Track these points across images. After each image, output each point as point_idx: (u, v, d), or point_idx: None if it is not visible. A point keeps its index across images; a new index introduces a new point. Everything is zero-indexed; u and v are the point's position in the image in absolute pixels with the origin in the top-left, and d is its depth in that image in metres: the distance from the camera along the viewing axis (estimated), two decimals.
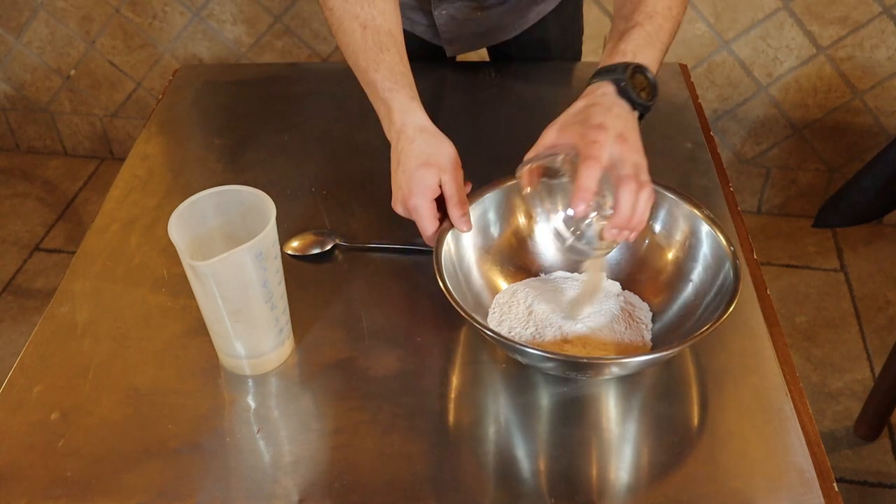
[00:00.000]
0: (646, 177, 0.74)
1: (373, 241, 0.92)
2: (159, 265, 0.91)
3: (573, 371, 0.75)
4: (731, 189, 1.00)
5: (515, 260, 0.87)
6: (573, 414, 0.76)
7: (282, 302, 0.77)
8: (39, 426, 0.76)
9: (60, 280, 0.90)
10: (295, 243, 0.93)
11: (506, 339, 0.74)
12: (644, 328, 0.81)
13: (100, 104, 2.35)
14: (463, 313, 0.72)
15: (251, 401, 0.78)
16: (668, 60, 1.23)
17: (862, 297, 1.93)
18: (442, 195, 0.83)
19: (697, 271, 0.81)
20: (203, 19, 2.11)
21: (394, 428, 0.74)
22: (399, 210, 0.85)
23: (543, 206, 0.78)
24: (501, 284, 0.85)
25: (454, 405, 0.77)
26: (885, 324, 1.86)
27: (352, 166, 1.06)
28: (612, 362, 0.74)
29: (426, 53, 1.25)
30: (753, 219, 2.16)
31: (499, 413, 0.77)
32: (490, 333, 0.72)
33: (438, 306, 0.82)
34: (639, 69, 0.79)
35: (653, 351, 0.79)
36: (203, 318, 0.77)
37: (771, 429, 0.73)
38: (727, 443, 0.73)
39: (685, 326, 0.78)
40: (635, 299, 0.84)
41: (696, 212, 0.82)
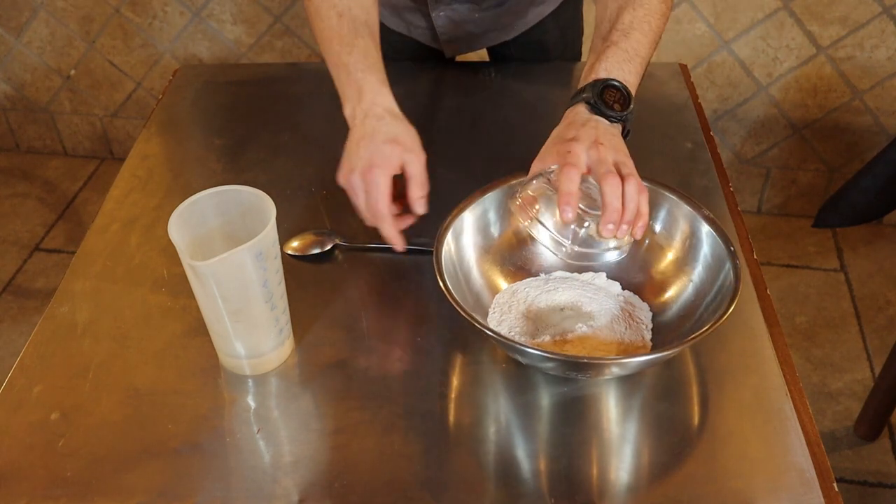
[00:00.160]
0: (629, 170, 0.76)
1: (373, 241, 0.92)
2: (159, 265, 0.91)
3: (573, 371, 0.75)
4: (731, 189, 1.00)
5: (515, 260, 0.87)
6: (573, 414, 0.76)
7: (282, 302, 0.77)
8: (39, 426, 0.76)
9: (60, 280, 0.90)
10: (295, 243, 0.93)
11: (506, 339, 0.74)
12: (644, 328, 0.81)
13: (100, 104, 2.35)
14: (463, 313, 0.72)
15: (251, 401, 0.78)
16: (668, 60, 1.24)
17: (862, 297, 1.93)
18: (400, 175, 0.84)
19: (697, 271, 0.81)
20: (203, 19, 2.11)
21: (394, 428, 0.74)
22: (352, 181, 0.85)
23: (546, 228, 0.79)
24: (501, 284, 0.85)
25: (454, 405, 0.77)
26: (885, 324, 1.86)
27: None
28: (612, 362, 0.74)
29: (425, 54, 1.25)
30: (753, 219, 2.15)
31: (499, 413, 0.77)
32: (490, 333, 0.72)
33: (438, 306, 0.82)
34: (609, 84, 0.82)
35: (653, 351, 0.79)
36: (203, 318, 0.77)
37: (771, 429, 0.73)
38: (727, 443, 0.73)
39: (685, 326, 0.78)
40: (635, 299, 0.84)
41: (696, 212, 0.82)
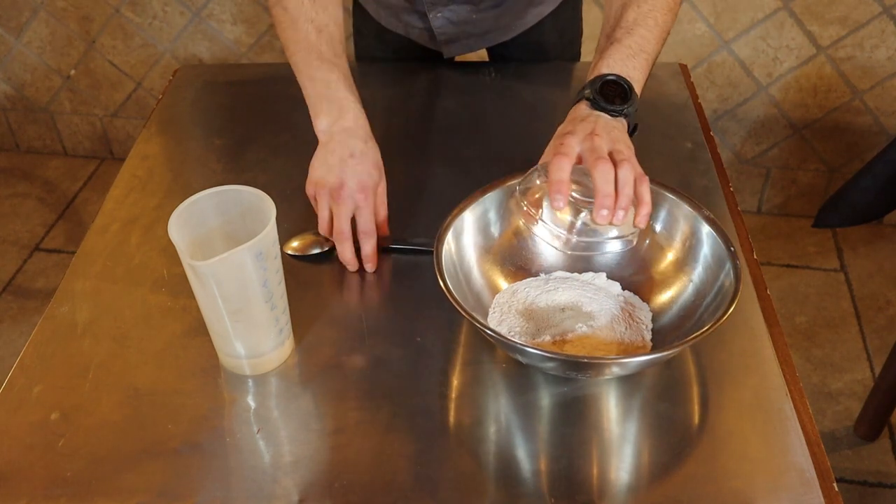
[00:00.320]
0: (623, 157, 0.75)
1: None
2: (159, 265, 0.91)
3: (573, 371, 0.75)
4: (731, 189, 1.00)
5: (515, 260, 0.87)
6: (573, 414, 0.76)
7: (282, 302, 0.77)
8: (39, 426, 0.75)
9: (60, 280, 0.90)
10: (295, 243, 0.93)
11: (506, 339, 0.74)
12: (644, 328, 0.81)
13: (100, 104, 2.35)
14: (463, 313, 0.72)
15: (251, 401, 0.78)
16: (668, 60, 1.24)
17: (862, 297, 1.93)
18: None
19: (697, 271, 0.81)
20: (203, 19, 2.11)
21: (393, 428, 0.74)
22: (321, 196, 0.88)
23: (544, 222, 0.80)
24: (501, 284, 0.85)
25: (454, 405, 0.77)
26: (885, 324, 1.86)
27: None
28: (612, 362, 0.74)
29: (424, 54, 1.25)
30: (753, 219, 2.15)
31: (499, 413, 0.77)
32: (490, 333, 0.72)
33: (438, 306, 0.82)
34: (608, 80, 0.81)
35: (653, 351, 0.79)
36: (203, 318, 0.77)
37: (771, 429, 0.73)
38: (727, 443, 0.73)
39: (685, 326, 0.78)
40: (635, 299, 0.84)
41: (696, 212, 0.82)
